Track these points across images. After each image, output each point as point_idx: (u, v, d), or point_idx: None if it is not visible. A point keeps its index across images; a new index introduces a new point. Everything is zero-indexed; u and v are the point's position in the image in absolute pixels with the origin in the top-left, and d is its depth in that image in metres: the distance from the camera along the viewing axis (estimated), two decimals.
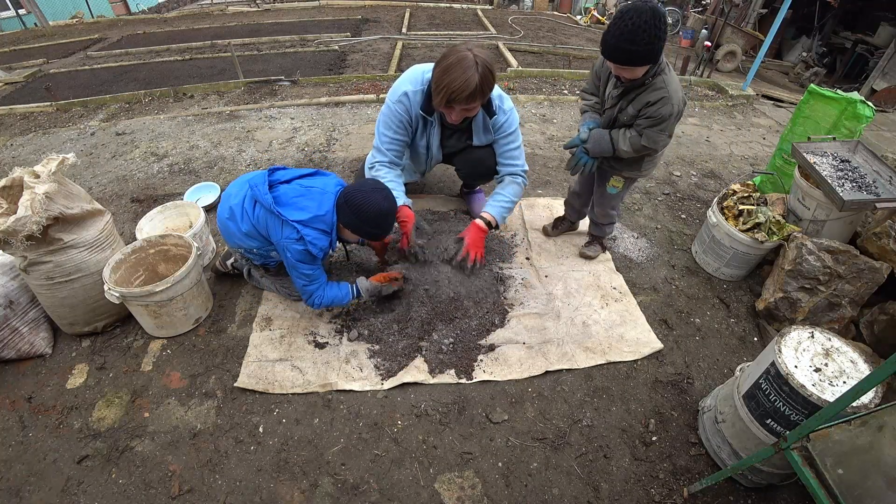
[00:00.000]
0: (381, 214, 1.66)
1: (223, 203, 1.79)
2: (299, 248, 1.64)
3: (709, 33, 7.48)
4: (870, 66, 7.28)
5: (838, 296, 1.90)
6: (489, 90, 1.84)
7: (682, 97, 1.68)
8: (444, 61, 1.76)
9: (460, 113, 1.88)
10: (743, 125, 4.27)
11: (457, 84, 1.72)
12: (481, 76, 1.74)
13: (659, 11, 1.46)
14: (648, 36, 1.46)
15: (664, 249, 2.52)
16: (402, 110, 2.02)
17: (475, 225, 2.13)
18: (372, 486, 1.51)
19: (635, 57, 1.53)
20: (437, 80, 1.78)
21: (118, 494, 1.48)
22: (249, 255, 1.89)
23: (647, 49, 1.49)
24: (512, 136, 2.14)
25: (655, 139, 1.73)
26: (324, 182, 1.75)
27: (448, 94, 1.75)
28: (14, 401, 1.75)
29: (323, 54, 6.33)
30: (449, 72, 1.73)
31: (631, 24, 1.46)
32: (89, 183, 3.12)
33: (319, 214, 1.65)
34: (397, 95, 2.00)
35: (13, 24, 10.68)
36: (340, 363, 1.84)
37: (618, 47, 1.52)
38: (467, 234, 2.12)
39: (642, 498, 1.50)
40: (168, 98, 4.70)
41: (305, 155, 3.39)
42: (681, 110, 1.68)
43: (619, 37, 1.49)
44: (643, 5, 1.46)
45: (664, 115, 1.65)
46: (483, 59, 1.76)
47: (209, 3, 12.58)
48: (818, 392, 1.17)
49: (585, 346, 1.93)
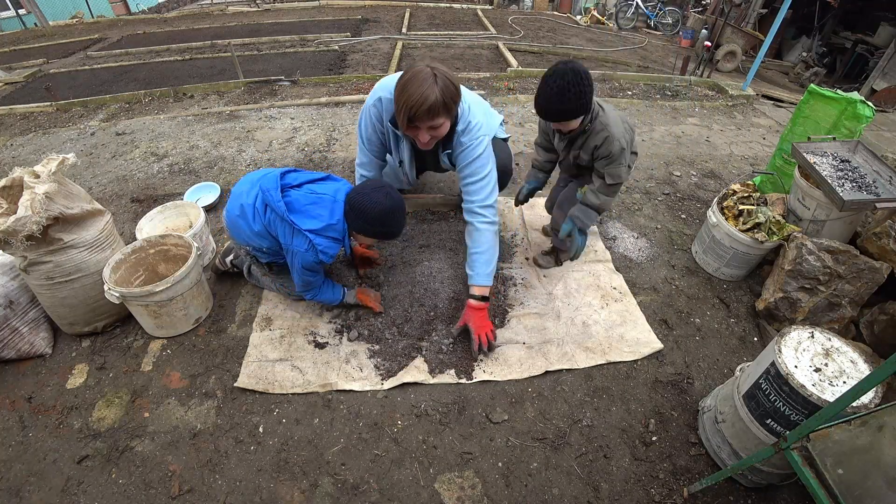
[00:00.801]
0: (386, 212, 1.65)
1: (233, 200, 1.78)
2: (309, 257, 1.66)
3: (709, 33, 7.49)
4: (870, 66, 7.29)
5: (838, 296, 1.90)
6: (453, 104, 1.67)
7: (626, 128, 1.81)
8: (402, 79, 1.64)
9: (427, 133, 1.70)
10: (743, 125, 4.27)
11: (414, 99, 1.58)
12: (441, 89, 1.59)
13: (579, 70, 1.60)
14: (574, 94, 1.60)
15: (664, 249, 2.52)
16: (375, 115, 1.93)
17: (471, 308, 1.87)
18: (372, 486, 1.51)
19: (567, 114, 1.68)
20: (396, 99, 1.65)
21: (118, 494, 1.48)
22: (258, 253, 1.88)
23: (577, 105, 1.64)
24: (473, 167, 1.83)
25: (617, 174, 1.83)
26: (335, 188, 1.74)
27: (407, 111, 1.61)
28: (14, 401, 1.76)
29: (323, 54, 6.33)
30: (406, 88, 1.60)
31: (556, 86, 1.60)
32: (89, 183, 3.12)
33: (332, 223, 1.66)
34: (373, 99, 1.92)
35: (13, 24, 10.68)
36: (340, 363, 1.84)
37: (549, 109, 1.67)
38: (469, 321, 1.87)
39: (642, 498, 1.50)
40: (168, 98, 4.70)
41: (305, 155, 3.39)
42: (629, 140, 1.81)
43: (548, 99, 1.64)
44: (564, 67, 1.61)
45: (613, 152, 1.76)
46: (443, 72, 1.62)
47: (209, 3, 12.58)
48: (818, 392, 1.17)
49: (585, 346, 1.93)
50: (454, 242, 2.26)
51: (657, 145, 3.69)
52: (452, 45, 6.80)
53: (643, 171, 3.27)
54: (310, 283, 1.80)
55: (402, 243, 2.37)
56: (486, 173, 1.86)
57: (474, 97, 2.15)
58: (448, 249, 2.18)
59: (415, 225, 2.53)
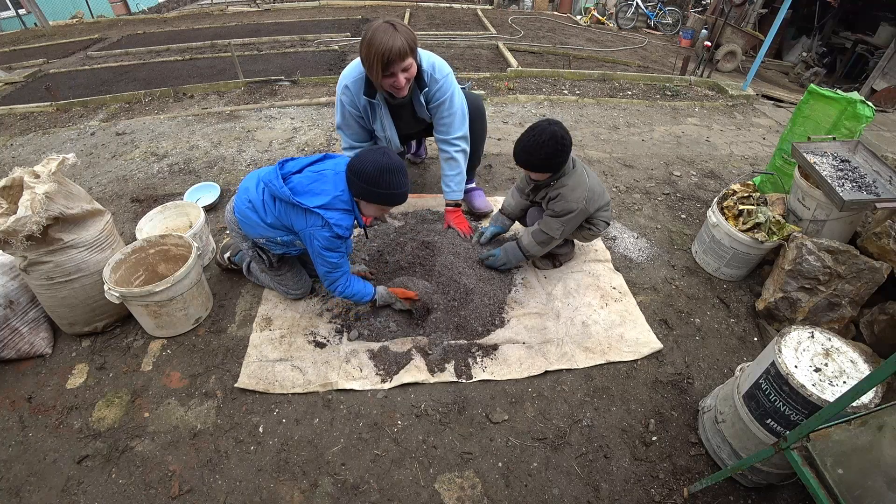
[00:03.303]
0: (384, 170, 1.58)
1: (241, 195, 1.77)
2: (326, 233, 1.63)
3: (709, 33, 7.49)
4: (870, 66, 7.28)
5: (838, 296, 1.90)
6: (415, 45, 1.91)
7: (583, 197, 1.91)
8: (365, 37, 1.84)
9: (402, 76, 1.92)
10: (743, 125, 4.27)
11: (384, 47, 1.78)
12: (403, 34, 1.82)
13: (557, 135, 1.74)
14: (545, 153, 1.76)
15: (664, 249, 2.52)
16: (348, 102, 2.16)
17: (449, 212, 2.43)
18: (372, 486, 1.51)
19: (533, 166, 1.84)
20: (366, 55, 1.85)
21: (118, 494, 1.48)
22: (271, 244, 1.85)
23: (544, 162, 1.80)
24: (448, 102, 2.18)
25: (550, 226, 1.98)
26: (335, 163, 1.73)
27: (381, 59, 1.81)
28: (14, 401, 1.76)
29: (323, 54, 6.33)
30: (373, 42, 1.80)
31: (532, 140, 1.76)
32: (89, 183, 3.12)
33: (338, 194, 1.64)
34: (340, 89, 2.15)
35: (13, 24, 10.67)
36: (340, 363, 1.84)
37: (519, 155, 1.83)
38: (450, 221, 2.41)
39: (642, 498, 1.50)
40: (168, 98, 4.70)
41: (305, 155, 3.38)
42: (582, 209, 1.92)
43: (523, 147, 1.80)
44: (547, 127, 1.74)
45: (557, 210, 1.93)
46: (399, 23, 1.85)
47: (209, 3, 12.58)
48: (818, 392, 1.17)
49: (585, 346, 1.93)
50: (454, 242, 2.26)
51: (657, 145, 3.69)
52: (452, 45, 6.80)
53: (643, 171, 3.27)
54: (334, 265, 1.72)
55: (402, 243, 2.37)
56: (458, 106, 2.22)
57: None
58: (449, 252, 2.19)
59: (415, 224, 2.54)
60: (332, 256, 1.70)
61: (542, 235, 2.01)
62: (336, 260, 1.72)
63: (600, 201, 2.03)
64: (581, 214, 1.95)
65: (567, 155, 1.83)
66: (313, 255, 1.71)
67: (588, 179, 1.94)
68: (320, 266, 1.73)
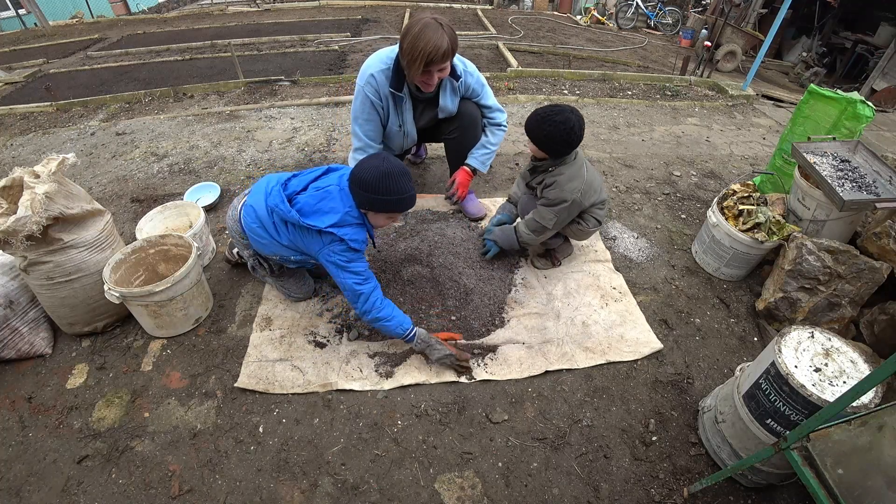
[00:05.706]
0: (384, 175, 1.54)
1: (248, 211, 1.74)
2: (341, 248, 1.61)
3: (709, 33, 7.50)
4: (870, 66, 7.29)
5: (838, 296, 1.90)
6: (457, 47, 1.99)
7: (578, 190, 1.91)
8: (412, 31, 1.89)
9: (436, 75, 2.01)
10: (743, 125, 4.27)
11: (431, 45, 1.85)
12: (449, 35, 1.91)
13: (569, 122, 1.75)
14: (548, 131, 1.78)
15: (664, 249, 2.52)
16: (371, 92, 2.15)
17: (463, 170, 2.48)
18: (372, 486, 1.51)
19: (533, 136, 1.85)
20: (410, 49, 1.89)
21: (118, 494, 1.48)
22: (286, 261, 1.86)
23: (544, 140, 1.82)
24: (483, 93, 2.36)
25: (543, 215, 1.98)
26: (338, 177, 1.71)
27: (425, 57, 1.87)
28: (14, 401, 1.76)
29: (323, 54, 6.33)
30: (420, 37, 1.86)
31: (546, 114, 1.78)
32: (89, 183, 3.12)
33: (347, 210, 1.62)
34: (365, 78, 2.14)
35: (13, 24, 10.67)
36: (340, 363, 1.84)
37: (529, 121, 1.84)
38: (457, 177, 2.49)
39: (642, 498, 1.50)
40: (168, 98, 4.70)
41: (305, 155, 3.39)
42: (576, 200, 1.92)
43: (535, 115, 1.82)
44: (566, 111, 1.77)
45: (550, 197, 1.93)
46: (445, 21, 1.93)
47: (209, 3, 12.58)
48: (818, 392, 1.17)
49: (585, 346, 1.93)
50: (454, 242, 2.26)
51: (657, 145, 3.69)
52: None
53: (643, 171, 3.27)
54: (359, 274, 1.65)
55: (402, 243, 2.37)
56: (490, 92, 2.40)
57: None
58: (449, 252, 2.19)
59: (415, 225, 2.54)
60: (356, 265, 1.64)
61: (535, 224, 2.02)
62: (360, 268, 1.65)
63: (596, 197, 2.02)
64: (574, 206, 1.95)
65: (569, 147, 1.84)
66: (338, 272, 1.64)
67: (586, 174, 1.94)
68: (347, 279, 1.64)
